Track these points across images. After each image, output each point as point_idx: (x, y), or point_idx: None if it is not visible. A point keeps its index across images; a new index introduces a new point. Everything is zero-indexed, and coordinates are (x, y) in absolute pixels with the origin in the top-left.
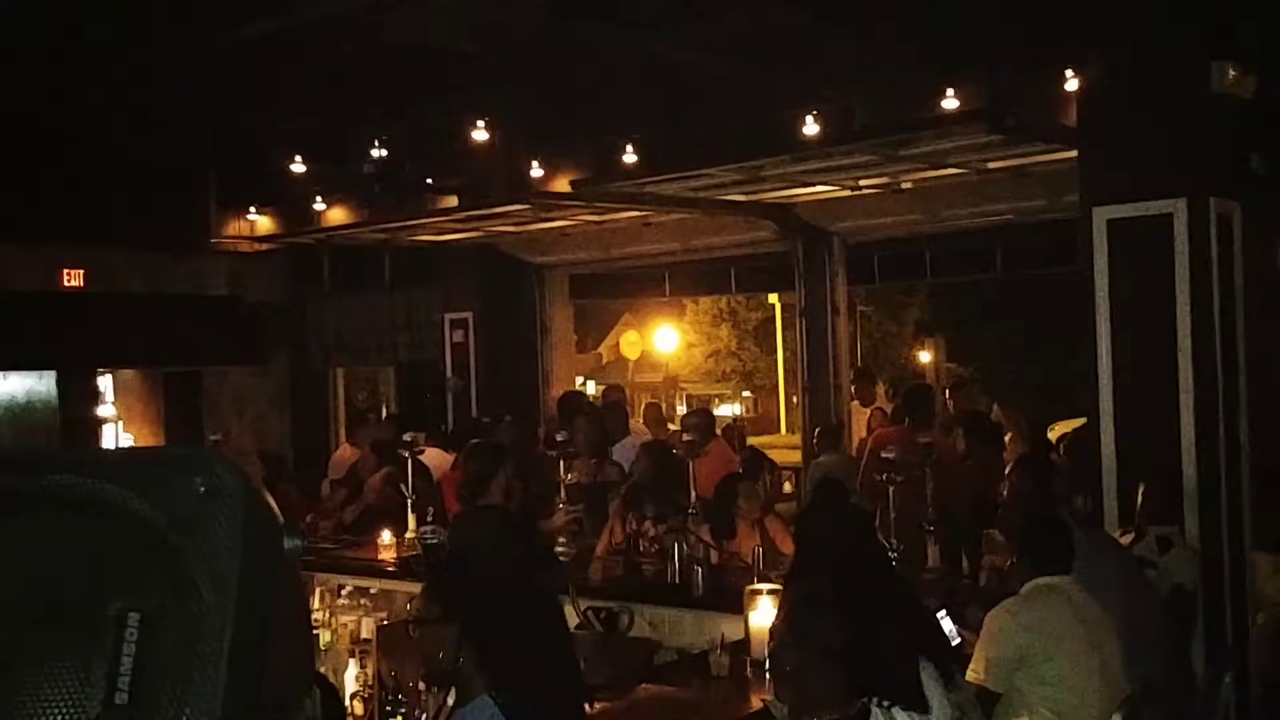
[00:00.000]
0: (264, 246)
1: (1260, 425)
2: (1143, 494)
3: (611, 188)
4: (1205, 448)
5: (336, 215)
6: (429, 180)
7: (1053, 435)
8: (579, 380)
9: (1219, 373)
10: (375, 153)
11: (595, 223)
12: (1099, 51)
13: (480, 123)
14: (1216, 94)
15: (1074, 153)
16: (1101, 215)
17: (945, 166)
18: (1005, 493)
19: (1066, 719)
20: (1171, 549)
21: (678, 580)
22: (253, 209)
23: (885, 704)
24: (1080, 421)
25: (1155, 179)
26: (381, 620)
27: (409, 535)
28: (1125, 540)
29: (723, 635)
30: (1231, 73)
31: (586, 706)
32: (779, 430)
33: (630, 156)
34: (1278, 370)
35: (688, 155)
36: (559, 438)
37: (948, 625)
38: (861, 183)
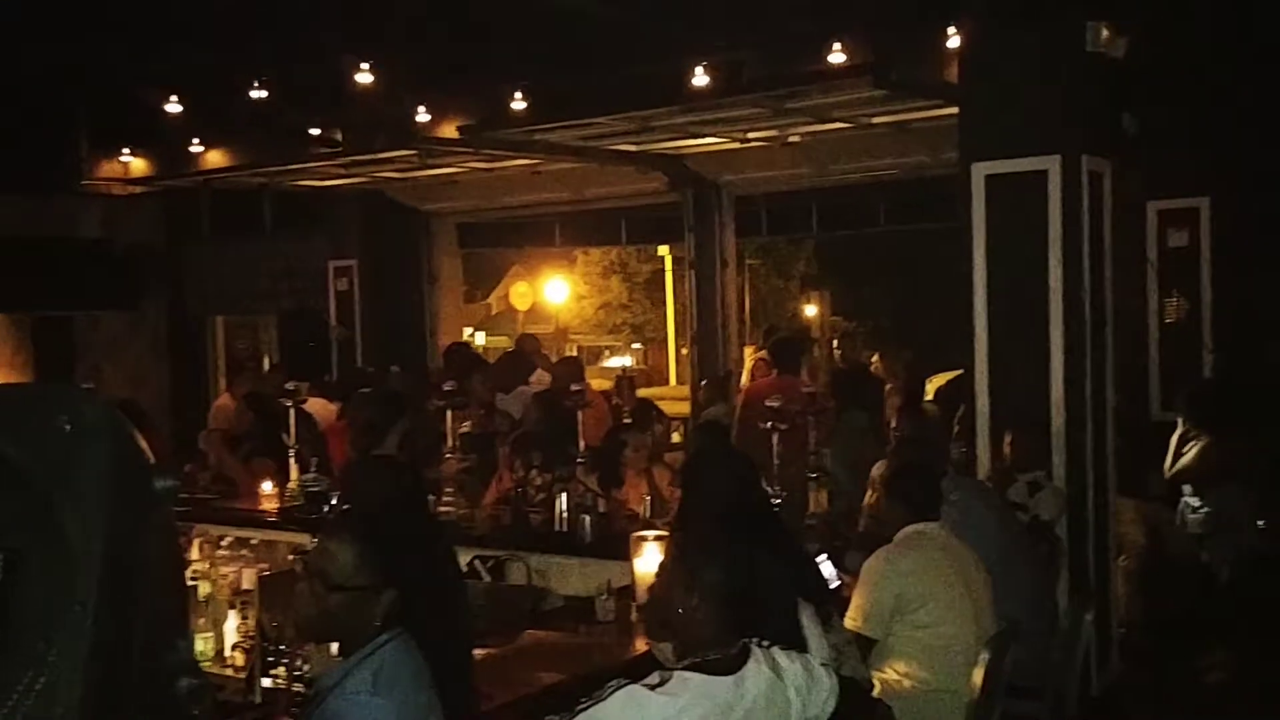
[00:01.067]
0: (138, 189)
1: (1125, 376)
2: (1010, 441)
3: (500, 135)
4: (1073, 397)
5: (214, 158)
6: (312, 123)
7: (931, 386)
8: (467, 331)
9: (1087, 326)
10: (255, 94)
11: (484, 170)
12: (979, 9)
13: (365, 65)
14: (1090, 54)
15: (955, 109)
16: (980, 171)
17: (831, 121)
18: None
19: (938, 659)
20: (1039, 492)
21: (565, 529)
22: (126, 150)
23: (765, 644)
24: (957, 373)
25: (1031, 136)
26: (263, 571)
27: (291, 484)
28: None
29: (609, 582)
30: (1105, 33)
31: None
32: (668, 381)
33: (519, 103)
34: (1142, 324)
35: (577, 104)
36: (447, 387)
37: (827, 569)
38: (750, 135)
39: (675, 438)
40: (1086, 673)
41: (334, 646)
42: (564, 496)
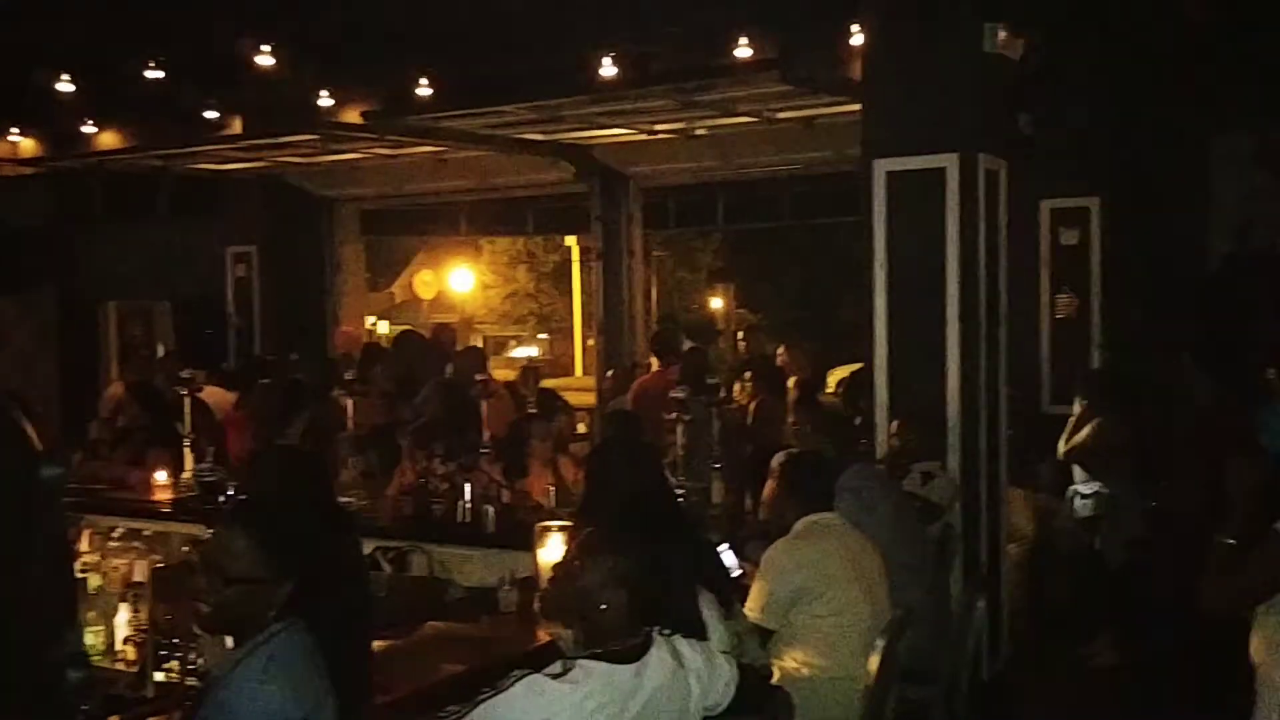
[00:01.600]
0: (28, 170)
1: (1017, 370)
2: (897, 431)
3: (405, 121)
4: (968, 390)
5: (108, 139)
6: (209, 105)
7: (833, 379)
8: (370, 320)
9: (982, 320)
10: (150, 74)
11: (388, 156)
12: (881, 7)
13: (265, 47)
14: (988, 55)
15: (858, 106)
16: (881, 167)
17: (737, 115)
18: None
19: (836, 647)
20: (932, 482)
21: (468, 519)
22: (15, 130)
23: (667, 632)
24: (859, 365)
25: (931, 134)
26: (156, 563)
27: (185, 475)
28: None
29: (512, 572)
30: (1002, 34)
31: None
32: (575, 372)
33: (425, 89)
34: (1034, 320)
35: (485, 91)
36: (348, 376)
37: (729, 558)
38: (657, 127)
39: (581, 428)
40: (978, 658)
41: (229, 639)
42: (467, 487)
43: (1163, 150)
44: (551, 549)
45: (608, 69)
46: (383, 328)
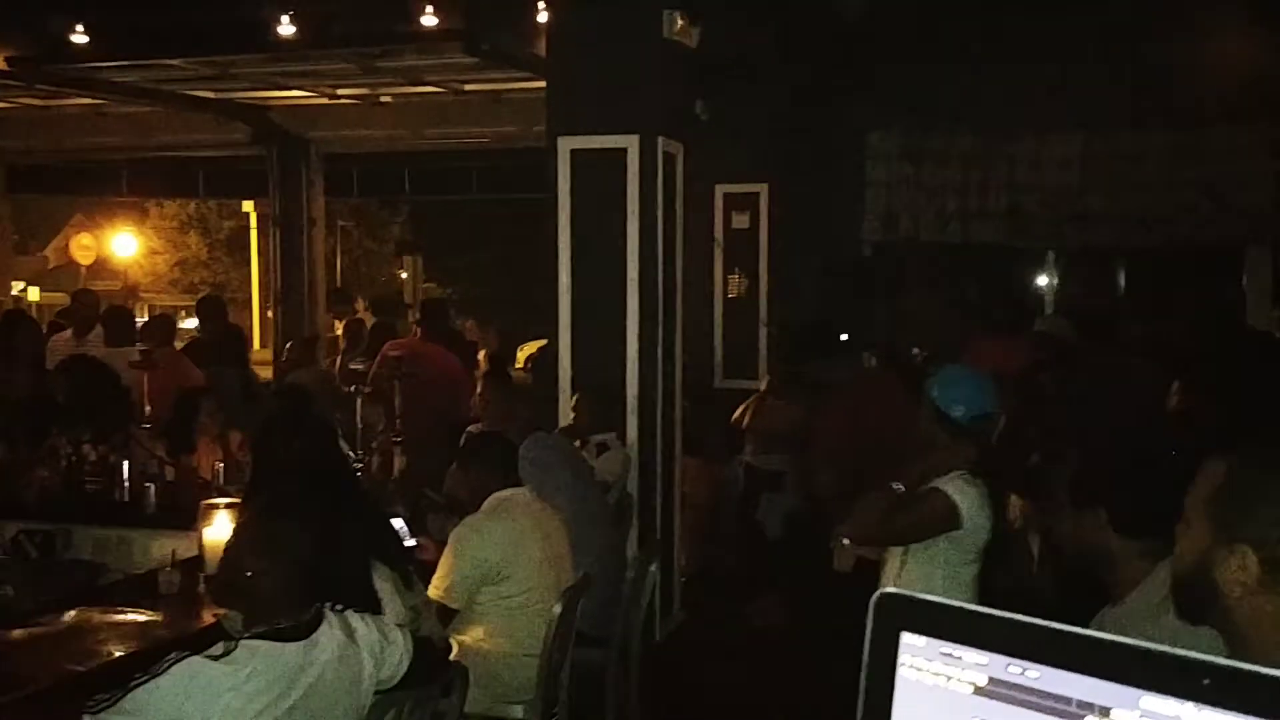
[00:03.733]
0: None
1: (692, 346)
2: (576, 404)
3: (57, 69)
4: (646, 364)
5: None
6: None
7: (522, 354)
8: (19, 286)
9: (660, 298)
10: None
11: (39, 107)
12: None
13: None
14: (667, 40)
15: (544, 82)
16: (565, 145)
17: (424, 84)
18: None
19: (522, 623)
20: (605, 454)
21: (127, 499)
22: None
23: (339, 608)
24: (546, 341)
25: (613, 114)
26: None
27: None
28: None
29: (174, 553)
30: (679, 22)
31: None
32: (252, 345)
33: (81, 36)
34: (708, 299)
35: (149, 42)
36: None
37: (405, 531)
38: (339, 91)
39: None
40: (651, 620)
41: None
42: (125, 465)
43: (824, 142)
44: (218, 527)
45: (286, 27)
46: (33, 294)
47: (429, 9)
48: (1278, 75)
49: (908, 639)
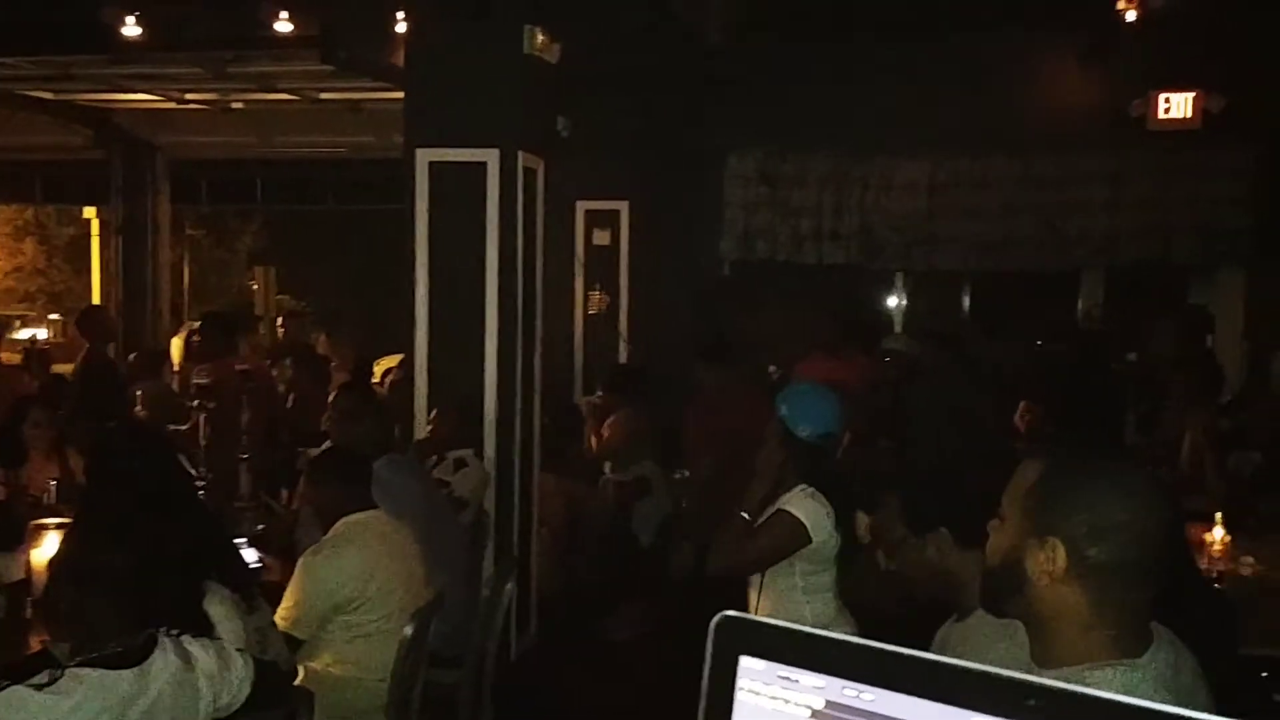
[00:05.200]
0: None
1: (552, 362)
2: (435, 419)
3: None
4: (504, 380)
5: None
6: None
7: (379, 369)
8: None
9: (519, 313)
10: None
11: None
12: None
13: None
14: (528, 56)
15: (402, 93)
16: (424, 157)
17: (278, 91)
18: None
19: (374, 649)
20: (463, 469)
21: None
22: None
23: (175, 633)
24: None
25: (473, 128)
26: None
27: None
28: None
29: None
30: (540, 37)
31: None
32: None
33: None
34: (569, 314)
35: None
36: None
37: (250, 553)
38: (188, 96)
39: None
40: (506, 639)
41: None
42: None
43: (684, 161)
44: (48, 548)
45: (132, 29)
46: None
47: (284, 15)
48: (1108, 109)
49: (746, 662)
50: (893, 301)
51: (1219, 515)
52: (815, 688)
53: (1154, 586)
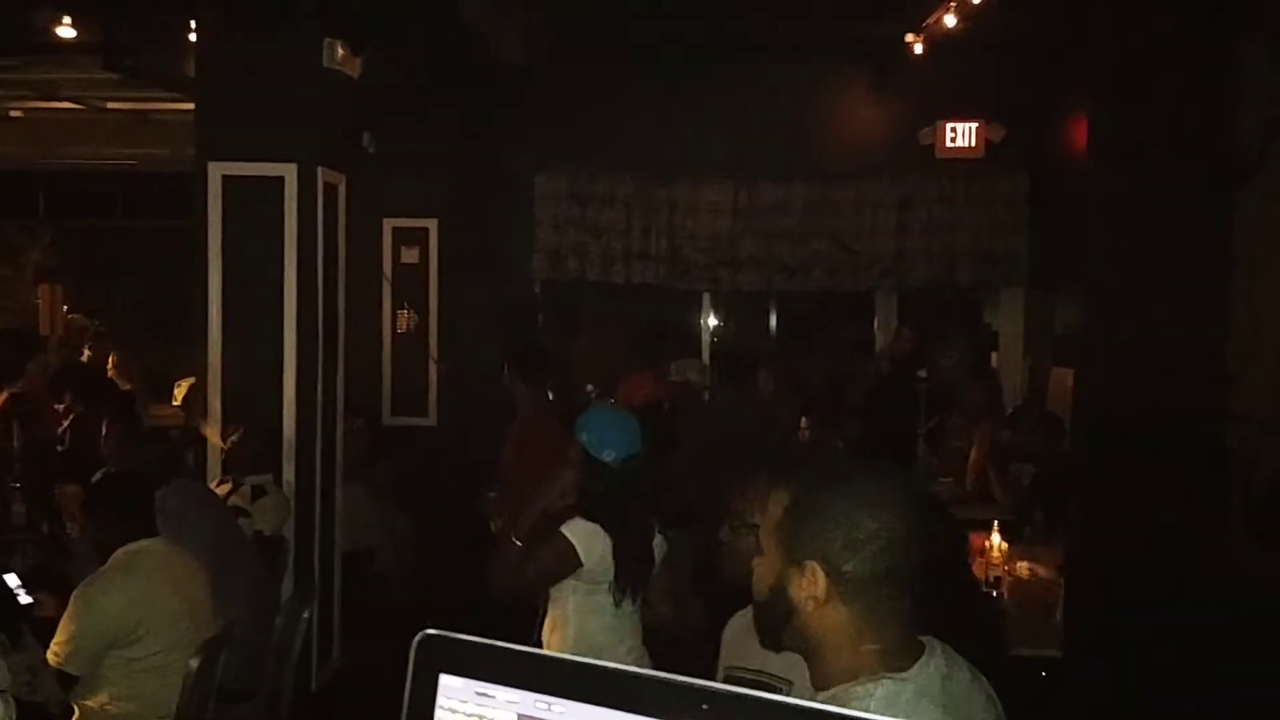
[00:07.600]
0: None
1: (360, 382)
2: (232, 443)
3: None
4: (304, 401)
5: None
6: None
7: (180, 390)
8: None
9: (320, 332)
10: None
11: None
12: (219, 7)
13: None
14: (328, 70)
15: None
16: (216, 171)
17: (60, 99)
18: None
19: (154, 685)
20: (261, 498)
21: None
22: None
23: None
24: None
25: (269, 142)
26: None
27: None
28: (223, 490)
29: None
30: (341, 51)
31: None
32: None
33: None
34: (377, 333)
35: None
36: None
37: (13, 580)
38: None
39: None
40: (306, 668)
41: None
42: None
43: (493, 179)
44: None
45: None
46: None
47: (66, 20)
48: (899, 136)
49: (446, 680)
50: (702, 321)
51: (995, 523)
52: (509, 702)
53: (916, 594)
